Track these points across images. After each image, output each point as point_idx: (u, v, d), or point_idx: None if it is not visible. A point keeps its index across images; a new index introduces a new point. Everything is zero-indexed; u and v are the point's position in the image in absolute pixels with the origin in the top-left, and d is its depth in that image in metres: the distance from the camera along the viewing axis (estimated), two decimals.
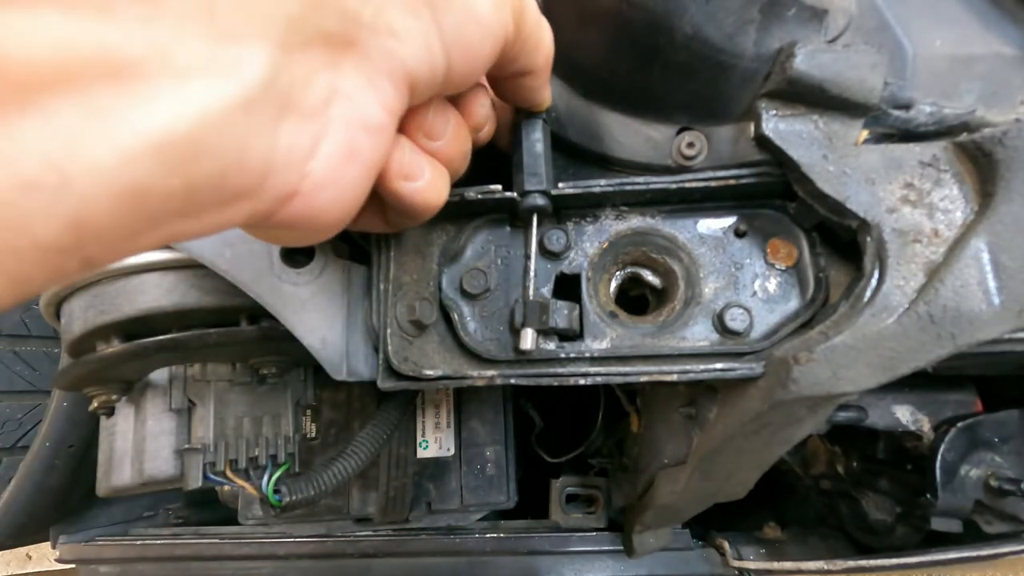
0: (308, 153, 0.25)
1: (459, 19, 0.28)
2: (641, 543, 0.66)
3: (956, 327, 0.35)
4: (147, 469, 0.57)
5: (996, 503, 0.59)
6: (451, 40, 0.28)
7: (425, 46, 0.27)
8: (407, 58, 0.27)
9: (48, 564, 1.49)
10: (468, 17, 0.28)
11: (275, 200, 0.24)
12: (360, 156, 0.27)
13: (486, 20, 0.29)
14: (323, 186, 0.26)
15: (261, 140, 0.22)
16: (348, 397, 0.80)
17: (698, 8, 0.36)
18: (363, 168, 0.27)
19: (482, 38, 0.30)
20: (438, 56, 0.28)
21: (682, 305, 0.44)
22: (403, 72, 0.27)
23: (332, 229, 0.29)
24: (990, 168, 0.36)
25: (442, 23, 0.27)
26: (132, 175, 0.18)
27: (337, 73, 0.25)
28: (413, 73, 0.27)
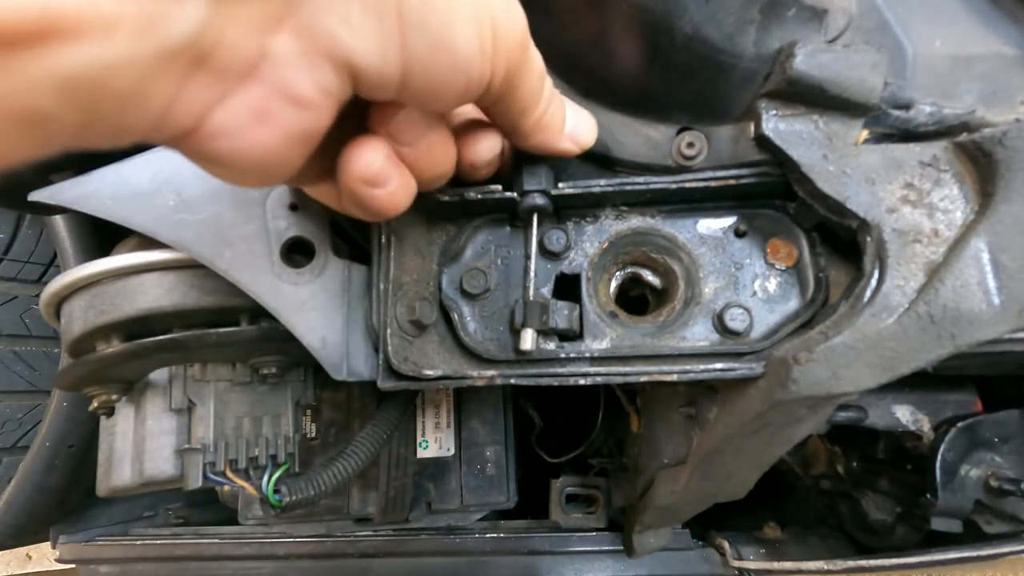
0: (208, 106, 0.25)
1: (429, 43, 0.27)
2: (641, 543, 0.66)
3: (956, 327, 0.35)
4: (147, 469, 0.57)
5: (996, 503, 0.59)
6: (414, 59, 0.27)
7: (378, 48, 0.27)
8: (353, 50, 0.26)
9: (48, 564, 1.49)
10: (441, 47, 0.28)
11: (169, 138, 0.26)
12: (274, 121, 0.27)
13: (461, 58, 0.28)
14: (218, 136, 0.26)
15: (165, 89, 0.23)
16: (348, 397, 0.80)
17: (698, 8, 0.36)
18: (277, 133, 0.27)
19: (451, 73, 0.29)
20: (392, 65, 0.27)
21: (682, 305, 0.44)
22: (345, 60, 0.26)
23: (248, 177, 0.29)
24: (990, 168, 0.36)
25: (408, 38, 0.27)
26: (32, 103, 0.20)
27: (273, 37, 0.25)
28: (357, 67, 0.27)
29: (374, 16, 0.26)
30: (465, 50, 0.28)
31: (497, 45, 0.29)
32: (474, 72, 0.29)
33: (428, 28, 0.27)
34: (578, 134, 0.39)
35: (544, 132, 0.36)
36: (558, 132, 0.38)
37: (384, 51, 0.27)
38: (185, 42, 0.22)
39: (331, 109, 0.29)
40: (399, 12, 0.26)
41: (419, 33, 0.27)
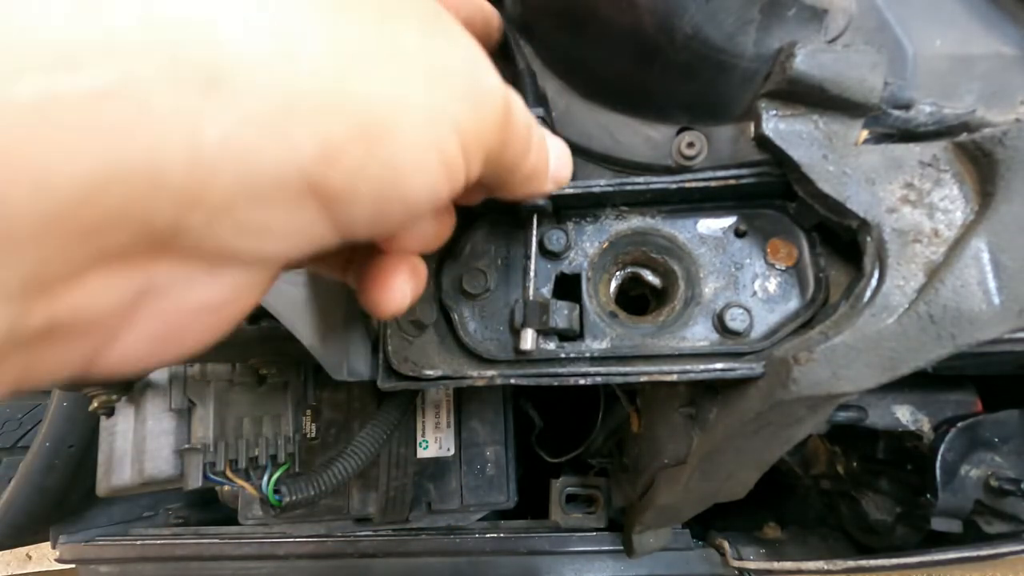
0: (85, 357, 0.21)
1: (372, 210, 0.23)
2: (641, 543, 0.66)
3: (956, 327, 0.35)
4: (147, 469, 0.58)
5: (996, 503, 0.59)
6: (356, 226, 0.23)
7: (297, 237, 0.22)
8: (264, 251, 0.22)
9: (48, 564, 1.49)
10: (388, 204, 0.23)
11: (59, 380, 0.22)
12: (183, 335, 0.23)
13: (422, 197, 0.24)
14: (126, 366, 0.23)
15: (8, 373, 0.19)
16: (348, 397, 0.80)
17: (698, 8, 0.36)
18: (202, 336, 0.24)
19: (411, 211, 0.24)
20: (328, 239, 0.23)
21: (682, 305, 0.44)
22: (258, 259, 0.22)
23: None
24: (990, 168, 0.36)
25: (338, 214, 0.22)
26: None
27: (146, 273, 0.20)
28: (274, 259, 0.23)
29: (282, 212, 0.21)
30: (423, 188, 0.24)
31: (469, 152, 0.25)
32: (443, 192, 0.25)
33: (363, 197, 0.22)
34: (559, 172, 0.36)
35: (530, 184, 0.33)
36: (544, 179, 0.34)
37: (310, 236, 0.22)
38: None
39: (263, 285, 0.25)
40: (319, 197, 0.21)
41: (353, 207, 0.22)
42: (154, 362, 0.24)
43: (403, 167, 0.22)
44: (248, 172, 0.19)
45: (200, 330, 0.24)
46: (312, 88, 0.19)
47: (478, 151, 0.26)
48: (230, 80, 0.18)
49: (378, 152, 0.21)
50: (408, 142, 0.22)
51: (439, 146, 0.23)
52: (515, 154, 0.30)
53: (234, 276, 0.23)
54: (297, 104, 0.19)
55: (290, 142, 0.19)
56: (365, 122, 0.21)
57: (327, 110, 0.20)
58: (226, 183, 0.19)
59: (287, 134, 0.19)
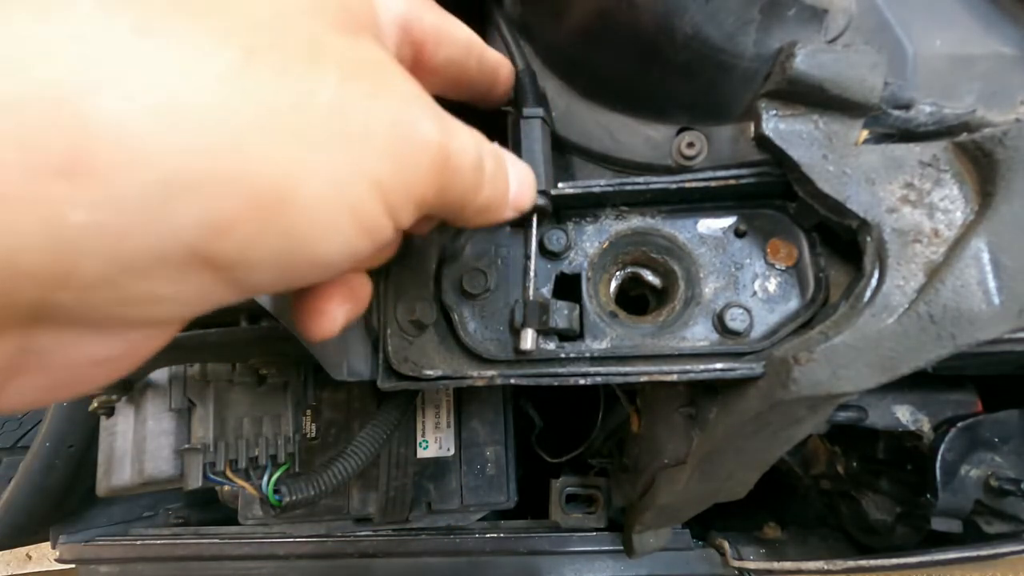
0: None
1: (275, 273, 0.21)
2: (641, 543, 0.66)
3: (956, 327, 0.35)
4: (147, 469, 0.58)
5: (996, 503, 0.59)
6: (261, 287, 0.22)
7: (192, 301, 0.21)
8: (154, 315, 0.21)
9: (48, 564, 1.49)
10: (296, 266, 0.22)
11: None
12: (79, 382, 0.23)
13: (334, 256, 0.22)
14: (16, 406, 0.22)
15: None
16: (348, 397, 0.79)
17: (698, 8, 0.36)
18: (90, 384, 0.23)
19: (326, 268, 0.23)
20: (227, 298, 0.22)
21: (682, 305, 0.44)
22: (150, 321, 0.22)
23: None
24: (990, 168, 0.36)
25: (237, 281, 0.21)
26: None
27: (26, 339, 0.19)
28: (171, 320, 0.22)
29: (171, 282, 0.19)
30: (334, 249, 0.22)
31: (394, 206, 0.23)
32: (362, 249, 0.23)
33: (263, 264, 0.20)
34: (520, 199, 0.34)
35: (486, 214, 0.31)
36: (501, 208, 0.33)
37: (207, 300, 0.21)
38: None
39: (167, 335, 0.24)
40: (211, 268, 0.19)
41: (253, 274, 0.21)
42: (49, 401, 0.23)
43: (308, 235, 0.21)
44: (122, 252, 0.17)
45: (96, 377, 0.23)
46: (194, 165, 0.17)
47: (407, 203, 0.24)
48: (93, 162, 0.16)
49: (276, 224, 0.20)
50: (312, 210, 0.20)
51: (352, 208, 0.22)
52: (461, 194, 0.28)
53: (127, 336, 0.22)
54: (177, 182, 0.17)
55: (170, 223, 0.18)
56: (259, 195, 0.19)
57: (213, 186, 0.18)
58: (96, 264, 0.17)
59: (165, 214, 0.17)
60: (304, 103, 0.20)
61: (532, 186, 0.35)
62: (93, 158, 0.16)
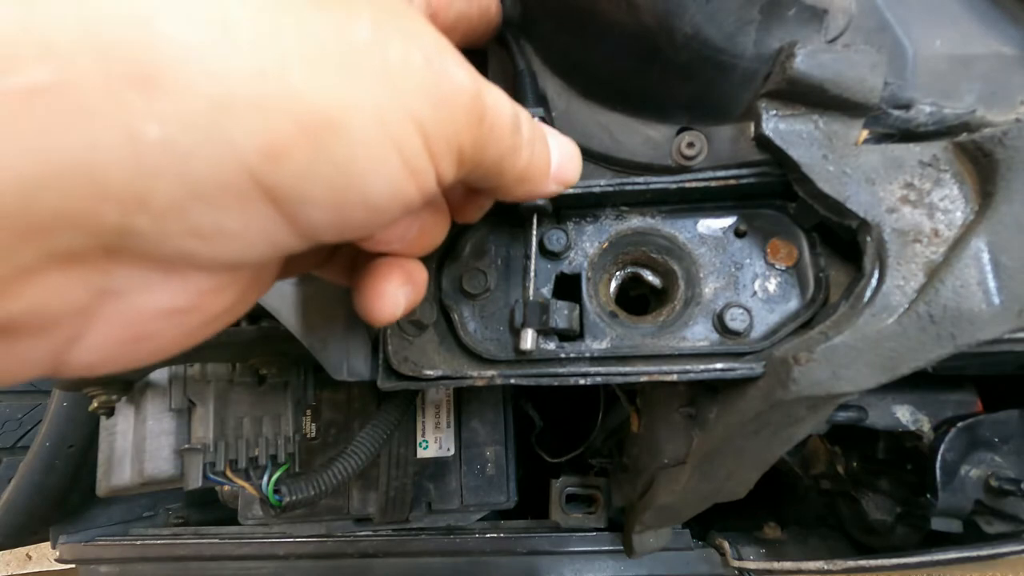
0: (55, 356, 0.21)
1: (330, 211, 0.22)
2: (641, 543, 0.66)
3: (956, 327, 0.35)
4: (147, 469, 0.58)
5: (996, 503, 0.59)
6: (319, 228, 0.23)
7: (256, 240, 0.22)
8: (221, 254, 0.21)
9: (48, 564, 1.49)
10: (348, 205, 0.22)
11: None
12: (152, 336, 0.23)
13: (384, 199, 0.23)
14: (93, 364, 0.23)
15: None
16: (348, 397, 0.80)
17: (698, 8, 0.36)
18: (161, 342, 0.24)
19: (376, 212, 0.24)
20: (293, 243, 0.23)
21: (682, 305, 0.44)
22: (217, 262, 0.22)
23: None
24: (990, 168, 0.36)
25: (296, 214, 0.21)
26: None
27: (105, 276, 0.20)
28: (236, 263, 0.23)
29: (236, 213, 0.20)
30: (385, 189, 0.23)
31: (436, 152, 0.24)
32: (410, 194, 0.24)
33: (319, 199, 0.21)
34: (563, 172, 0.34)
35: (527, 184, 0.31)
36: (543, 179, 0.32)
37: (270, 240, 0.22)
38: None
39: (233, 290, 0.25)
40: (271, 198, 0.20)
41: (310, 210, 0.22)
42: (126, 362, 0.24)
43: (359, 168, 0.21)
44: (191, 172, 0.18)
45: (170, 333, 0.24)
46: (249, 86, 0.18)
47: (448, 150, 0.24)
48: (165, 76, 0.17)
49: (328, 153, 0.20)
50: (361, 142, 0.21)
51: (398, 145, 0.22)
52: (499, 153, 0.28)
53: (196, 281, 0.23)
54: (233, 101, 0.18)
55: (230, 142, 0.19)
56: (309, 121, 0.20)
57: (266, 109, 0.19)
58: (170, 184, 0.18)
59: (226, 133, 0.18)
60: (344, 37, 0.21)
61: (577, 160, 0.35)
62: (163, 73, 0.17)
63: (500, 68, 0.45)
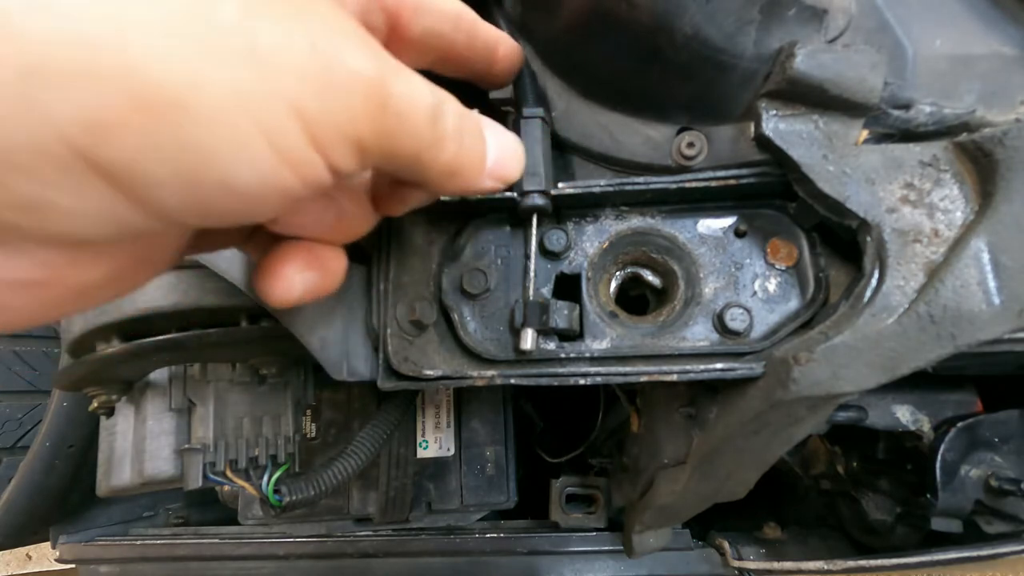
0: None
1: (186, 195, 0.21)
2: (641, 543, 0.66)
3: (956, 327, 0.35)
4: (147, 469, 0.58)
5: (996, 503, 0.59)
6: (170, 209, 0.21)
7: (95, 215, 0.20)
8: (55, 228, 0.20)
9: (48, 564, 1.49)
10: (209, 190, 0.21)
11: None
12: (4, 307, 0.22)
13: (254, 187, 0.22)
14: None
15: None
16: (348, 397, 0.80)
17: (698, 8, 0.36)
18: (18, 314, 0.23)
19: (246, 201, 0.22)
20: (140, 222, 0.22)
21: (682, 305, 0.44)
22: (53, 236, 0.21)
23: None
24: (990, 168, 0.36)
25: (140, 196, 0.20)
26: None
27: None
28: (80, 236, 0.22)
29: (63, 187, 0.19)
30: (251, 175, 0.21)
31: (320, 140, 0.22)
32: (288, 182, 0.22)
33: (163, 179, 0.20)
34: (501, 168, 0.31)
35: (457, 179, 0.29)
36: (476, 174, 0.30)
37: (113, 216, 0.21)
38: None
39: (91, 263, 0.23)
40: (102, 173, 0.19)
41: (154, 187, 0.20)
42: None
43: (211, 151, 0.20)
44: (3, 144, 0.17)
45: (26, 305, 0.23)
46: (70, 53, 0.17)
47: (340, 140, 0.23)
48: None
49: (169, 131, 0.19)
50: (213, 123, 0.20)
51: (266, 131, 0.21)
52: (415, 145, 0.26)
53: (43, 255, 0.21)
54: (49, 70, 0.17)
55: (44, 111, 0.17)
56: (144, 96, 0.18)
57: (91, 79, 0.18)
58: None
59: (38, 101, 0.17)
60: (204, 16, 0.19)
61: (517, 156, 0.33)
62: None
63: None
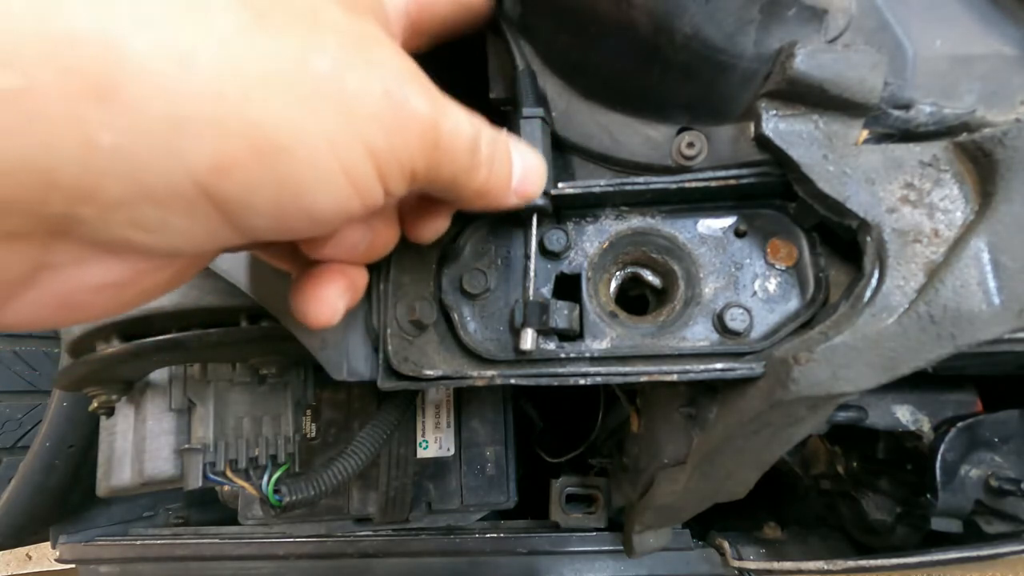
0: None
1: (273, 219, 0.24)
2: (641, 543, 0.66)
3: (956, 327, 0.35)
4: (147, 469, 0.58)
5: (996, 503, 0.59)
6: (259, 231, 0.24)
7: (197, 235, 0.23)
8: (162, 245, 0.23)
9: (48, 564, 1.49)
10: (292, 216, 0.24)
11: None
12: (82, 306, 0.25)
13: (328, 213, 0.25)
14: (19, 323, 0.24)
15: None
16: (348, 397, 0.80)
17: (698, 8, 0.36)
18: (90, 311, 0.26)
19: (318, 224, 0.26)
20: (230, 240, 0.24)
21: (682, 305, 0.44)
22: (157, 251, 0.24)
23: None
24: (990, 168, 0.36)
25: (238, 218, 0.23)
26: None
27: (45, 252, 0.22)
28: (177, 251, 0.24)
29: (182, 214, 0.22)
30: (328, 204, 0.24)
31: (386, 173, 0.25)
32: (354, 208, 0.26)
33: (262, 209, 0.23)
34: (525, 186, 0.35)
35: (485, 198, 0.32)
36: (503, 192, 0.34)
37: (211, 236, 0.23)
38: None
39: (172, 268, 0.26)
40: (215, 204, 0.22)
41: (252, 217, 0.23)
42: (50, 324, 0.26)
43: (304, 186, 0.23)
44: (140, 177, 0.20)
45: (101, 304, 0.25)
46: (205, 107, 0.20)
47: (398, 172, 0.26)
48: (123, 92, 0.19)
49: (274, 171, 0.22)
50: (308, 164, 0.23)
51: (346, 168, 0.24)
52: (455, 172, 0.29)
53: (134, 262, 0.24)
54: (189, 121, 0.20)
55: (181, 155, 0.20)
56: (259, 144, 0.21)
57: (220, 129, 0.20)
58: (117, 185, 0.20)
59: (178, 147, 0.20)
60: (303, 66, 0.22)
61: (540, 174, 0.36)
62: (123, 89, 0.19)
63: (500, 67, 0.45)
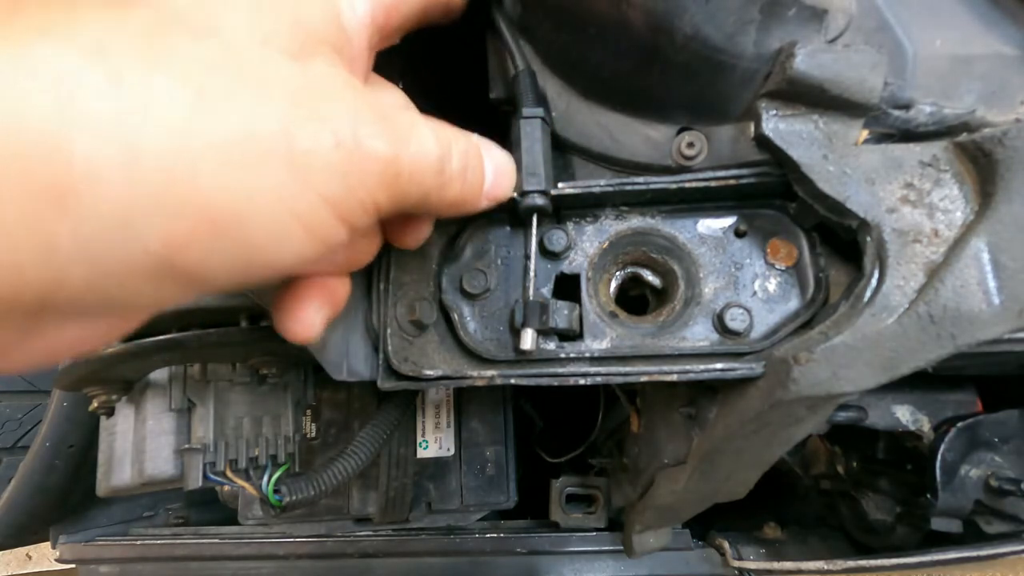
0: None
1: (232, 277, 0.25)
2: (641, 543, 0.66)
3: (956, 327, 0.35)
4: (147, 469, 0.57)
5: (996, 503, 0.59)
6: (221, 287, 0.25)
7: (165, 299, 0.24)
8: (132, 307, 0.25)
9: (48, 564, 1.49)
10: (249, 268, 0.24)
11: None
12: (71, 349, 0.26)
13: (287, 260, 0.25)
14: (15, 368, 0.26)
15: None
16: (348, 397, 0.80)
17: (698, 8, 0.36)
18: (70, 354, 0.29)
19: (275, 272, 0.26)
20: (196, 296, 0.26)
21: (682, 305, 0.44)
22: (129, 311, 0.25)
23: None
24: (990, 168, 0.36)
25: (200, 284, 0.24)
26: None
27: (30, 323, 0.23)
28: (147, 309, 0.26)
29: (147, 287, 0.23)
30: (287, 254, 0.25)
31: (347, 213, 0.26)
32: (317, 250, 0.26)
33: (221, 272, 0.24)
34: (495, 190, 0.35)
35: (460, 207, 0.33)
36: (476, 199, 0.34)
37: (178, 297, 0.24)
38: None
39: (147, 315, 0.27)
40: (177, 275, 0.23)
41: (214, 279, 0.24)
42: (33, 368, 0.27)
43: (260, 245, 0.24)
44: (101, 265, 0.21)
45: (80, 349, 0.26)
46: (154, 192, 0.21)
47: (359, 210, 0.26)
48: (76, 194, 0.19)
49: (229, 238, 0.23)
50: (262, 224, 0.23)
51: (303, 220, 0.24)
52: (423, 193, 0.30)
53: (110, 320, 0.25)
54: (140, 209, 0.20)
55: (138, 240, 0.21)
56: (212, 215, 0.22)
57: (171, 210, 0.21)
58: (82, 271, 0.21)
59: (134, 234, 0.21)
60: (250, 131, 0.22)
61: (510, 175, 0.36)
62: (75, 188, 0.19)
63: (500, 67, 0.45)
